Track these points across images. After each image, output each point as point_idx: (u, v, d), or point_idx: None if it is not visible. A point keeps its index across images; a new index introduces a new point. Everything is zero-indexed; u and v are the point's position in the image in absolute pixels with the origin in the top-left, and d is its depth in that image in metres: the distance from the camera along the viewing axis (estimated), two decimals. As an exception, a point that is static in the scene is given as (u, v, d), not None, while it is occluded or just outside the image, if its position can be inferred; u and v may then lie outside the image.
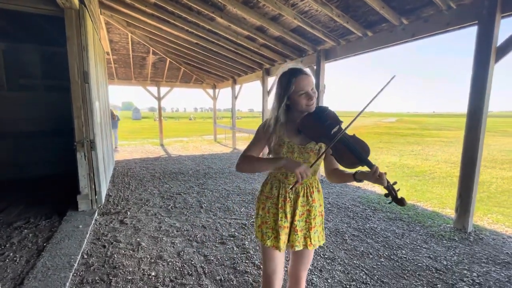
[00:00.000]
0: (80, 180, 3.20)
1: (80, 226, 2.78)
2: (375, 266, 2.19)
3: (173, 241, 2.57)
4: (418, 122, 36.85)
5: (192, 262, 2.20)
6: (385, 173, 1.03)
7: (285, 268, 1.72)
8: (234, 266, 2.16)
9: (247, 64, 6.90)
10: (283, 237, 1.23)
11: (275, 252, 1.24)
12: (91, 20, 3.44)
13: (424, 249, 2.48)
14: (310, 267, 2.15)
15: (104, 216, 3.15)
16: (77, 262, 2.15)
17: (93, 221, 2.93)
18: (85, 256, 2.26)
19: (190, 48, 6.67)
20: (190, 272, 2.06)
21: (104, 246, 2.44)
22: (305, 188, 1.24)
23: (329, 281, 2.00)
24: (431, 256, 2.36)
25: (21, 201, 3.63)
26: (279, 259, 1.27)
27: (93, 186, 3.28)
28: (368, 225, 3.00)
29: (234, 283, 1.95)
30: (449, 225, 3.01)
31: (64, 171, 5.02)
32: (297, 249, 1.24)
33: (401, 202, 1.02)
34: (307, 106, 1.16)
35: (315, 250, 2.32)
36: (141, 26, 6.04)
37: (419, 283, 1.98)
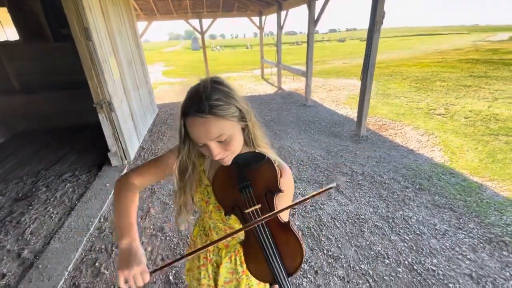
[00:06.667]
0: (107, 139, 3.39)
1: (107, 185, 3.07)
2: (386, 278, 1.82)
3: (179, 210, 2.61)
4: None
5: (188, 240, 2.22)
6: None
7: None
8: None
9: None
10: None
11: None
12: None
13: (467, 261, 1.91)
14: (305, 266, 1.92)
15: (131, 173, 3.39)
16: (93, 226, 2.41)
17: (119, 179, 3.19)
18: (102, 220, 2.52)
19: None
20: (182, 252, 2.10)
21: (120, 210, 2.65)
22: (234, 253, 0.88)
23: (320, 289, 1.76)
24: (473, 274, 1.81)
25: (76, 149, 4.19)
26: None
27: (120, 144, 3.47)
28: (401, 212, 2.46)
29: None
30: (523, 226, 2.23)
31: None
32: None
33: None
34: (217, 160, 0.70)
35: (320, 237, 1.98)
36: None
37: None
